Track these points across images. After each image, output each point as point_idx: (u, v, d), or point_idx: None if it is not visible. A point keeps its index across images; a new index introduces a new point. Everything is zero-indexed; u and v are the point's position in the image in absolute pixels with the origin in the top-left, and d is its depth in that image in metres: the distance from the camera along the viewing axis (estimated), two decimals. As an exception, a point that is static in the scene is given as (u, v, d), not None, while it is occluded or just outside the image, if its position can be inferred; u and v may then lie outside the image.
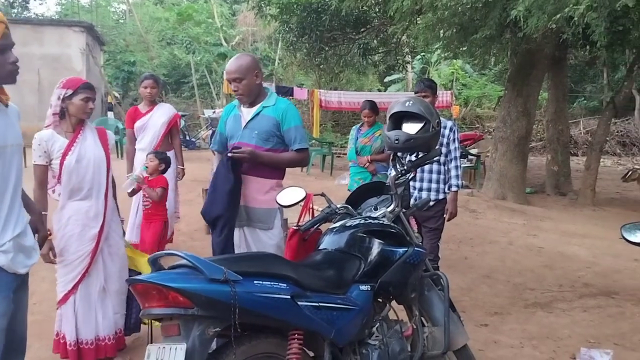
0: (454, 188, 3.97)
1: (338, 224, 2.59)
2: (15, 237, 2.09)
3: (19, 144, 2.17)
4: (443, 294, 2.58)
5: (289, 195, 2.76)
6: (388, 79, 21.09)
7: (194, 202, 6.62)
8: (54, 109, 3.00)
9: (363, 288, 2.33)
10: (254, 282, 1.99)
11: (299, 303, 2.06)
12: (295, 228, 2.73)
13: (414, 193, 4.00)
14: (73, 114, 3.02)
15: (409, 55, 15.62)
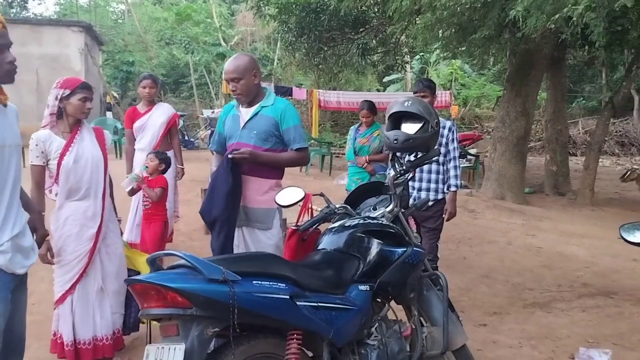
0: (453, 188, 3.97)
1: (337, 224, 2.59)
2: (14, 237, 2.09)
3: (18, 144, 2.16)
4: (442, 294, 2.59)
5: (288, 195, 2.76)
6: (387, 79, 21.10)
7: (193, 202, 6.62)
8: (51, 109, 2.98)
9: (362, 288, 2.34)
10: (253, 282, 1.99)
11: (298, 303, 2.06)
12: (294, 228, 2.73)
13: (413, 193, 4.00)
14: (71, 114, 3.01)
15: (408, 55, 15.63)
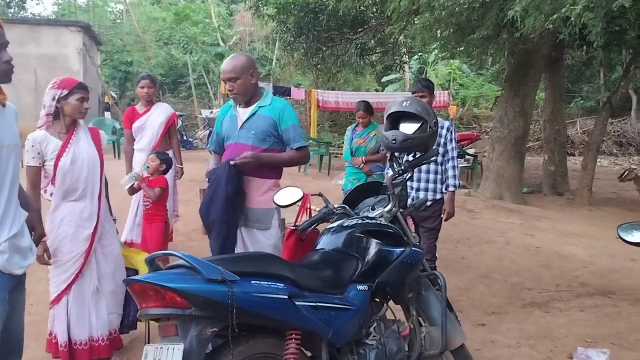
0: (452, 188, 3.98)
1: (335, 224, 2.59)
2: (11, 237, 2.08)
3: (16, 144, 2.16)
4: (440, 294, 2.59)
5: (287, 195, 2.76)
6: (385, 79, 21.10)
7: (192, 202, 6.61)
8: (48, 110, 2.96)
9: (360, 288, 2.34)
10: (252, 282, 1.99)
11: (297, 303, 2.06)
12: (293, 228, 2.73)
13: (412, 193, 4.00)
14: (68, 114, 3.00)
15: (406, 56, 15.66)
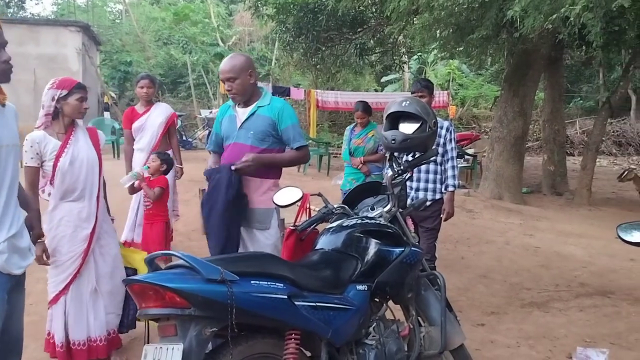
0: (451, 188, 3.98)
1: (335, 224, 2.59)
2: (10, 237, 2.08)
3: (15, 144, 2.15)
4: (440, 294, 2.59)
5: (286, 195, 2.76)
6: (385, 79, 21.11)
7: (191, 202, 6.61)
8: (47, 110, 2.95)
9: (360, 288, 2.34)
10: (251, 282, 1.99)
11: (296, 303, 2.06)
12: (292, 228, 2.73)
13: (411, 193, 4.00)
14: (68, 115, 2.99)
15: (406, 56, 15.65)
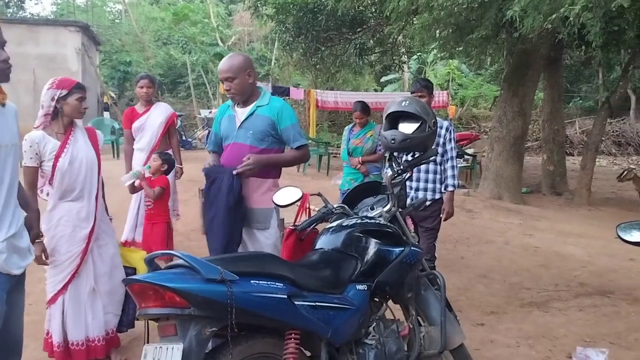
0: (451, 188, 3.98)
1: (334, 224, 2.59)
2: (10, 237, 2.07)
3: (15, 144, 2.14)
4: (439, 294, 2.59)
5: (286, 195, 2.76)
6: (384, 79, 21.13)
7: (190, 202, 6.60)
8: (47, 110, 2.95)
9: (360, 288, 2.34)
10: (251, 282, 1.99)
11: (296, 303, 2.06)
12: (292, 228, 2.73)
13: (411, 193, 4.00)
14: (68, 115, 2.99)
15: (405, 56, 15.65)
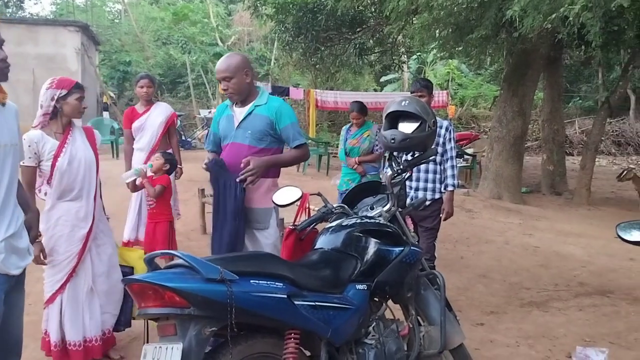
0: (450, 188, 3.98)
1: (334, 224, 2.59)
2: (8, 237, 2.06)
3: (15, 144, 2.13)
4: (439, 293, 2.59)
5: (285, 195, 2.76)
6: (384, 79, 21.14)
7: (190, 201, 6.61)
8: (46, 110, 2.95)
9: (359, 287, 2.34)
10: (251, 281, 1.99)
11: (296, 302, 2.06)
12: (292, 228, 2.73)
13: (410, 193, 4.00)
14: (67, 114, 2.99)
15: (405, 55, 15.66)
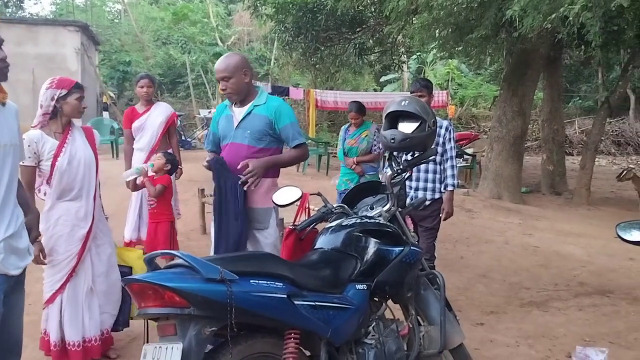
0: (450, 187, 3.98)
1: (334, 223, 2.59)
2: (7, 237, 2.06)
3: (15, 144, 2.13)
4: (439, 293, 2.59)
5: (285, 195, 2.76)
6: (384, 79, 21.14)
7: (190, 201, 6.61)
8: (46, 109, 2.95)
9: (359, 287, 2.34)
10: (250, 281, 1.99)
11: (296, 302, 2.06)
12: (292, 227, 2.73)
13: (410, 192, 4.00)
14: (67, 114, 3.00)
15: (405, 55, 15.65)
